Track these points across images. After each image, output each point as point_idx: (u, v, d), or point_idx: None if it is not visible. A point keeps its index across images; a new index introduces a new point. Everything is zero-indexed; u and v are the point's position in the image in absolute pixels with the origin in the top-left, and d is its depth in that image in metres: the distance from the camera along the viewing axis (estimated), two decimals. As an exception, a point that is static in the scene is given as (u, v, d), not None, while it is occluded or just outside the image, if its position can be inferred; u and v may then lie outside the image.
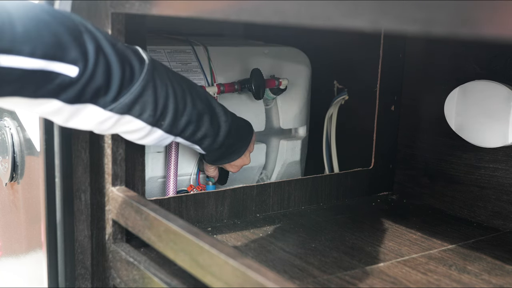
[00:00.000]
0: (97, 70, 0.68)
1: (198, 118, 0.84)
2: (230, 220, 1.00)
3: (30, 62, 0.62)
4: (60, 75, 0.65)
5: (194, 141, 0.87)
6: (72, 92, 0.67)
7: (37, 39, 0.63)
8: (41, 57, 0.63)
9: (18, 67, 0.61)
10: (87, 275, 0.88)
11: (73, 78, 0.66)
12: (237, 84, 1.07)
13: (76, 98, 0.68)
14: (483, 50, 1.01)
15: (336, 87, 1.27)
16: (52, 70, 0.64)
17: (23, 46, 0.61)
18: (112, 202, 0.84)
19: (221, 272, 0.62)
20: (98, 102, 0.71)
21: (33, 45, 0.62)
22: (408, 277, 0.80)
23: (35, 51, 0.62)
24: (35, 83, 0.64)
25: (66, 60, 0.65)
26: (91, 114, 0.72)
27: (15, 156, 0.97)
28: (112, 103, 0.72)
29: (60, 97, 0.67)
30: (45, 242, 0.86)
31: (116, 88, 0.71)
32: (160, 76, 0.78)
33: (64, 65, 0.65)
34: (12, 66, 0.61)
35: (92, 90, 0.69)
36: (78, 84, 0.67)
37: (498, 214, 1.01)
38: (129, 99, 0.73)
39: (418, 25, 0.38)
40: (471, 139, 1.01)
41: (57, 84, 0.65)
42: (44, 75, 0.64)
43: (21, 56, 0.61)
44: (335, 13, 0.44)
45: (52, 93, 0.67)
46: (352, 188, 1.15)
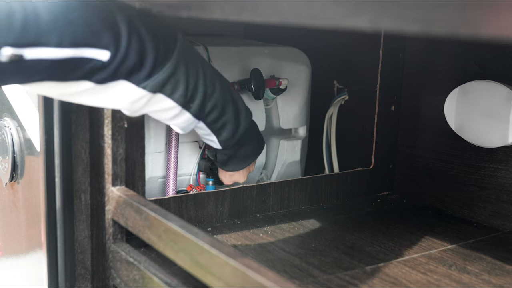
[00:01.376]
0: (130, 51, 0.67)
1: (224, 105, 0.84)
2: (230, 220, 1.00)
3: (58, 51, 0.61)
4: (92, 60, 0.65)
5: (214, 128, 0.86)
6: (104, 73, 0.67)
7: (64, 27, 0.62)
8: (70, 45, 0.62)
9: (46, 58, 0.61)
10: (87, 275, 0.88)
11: (105, 62, 0.66)
12: (237, 84, 1.07)
13: (108, 78, 0.68)
14: (483, 50, 1.01)
15: (336, 87, 1.27)
16: (82, 57, 0.63)
17: (50, 36, 0.60)
18: (112, 202, 0.84)
19: (221, 272, 0.62)
20: (132, 79, 0.70)
21: (61, 34, 0.61)
22: (408, 277, 0.80)
23: (63, 40, 0.61)
24: (65, 69, 0.64)
25: (97, 45, 0.64)
26: (124, 91, 0.71)
27: (15, 156, 0.97)
28: (146, 80, 0.71)
29: (92, 79, 0.67)
30: (45, 242, 0.86)
31: (150, 67, 0.71)
32: (192, 57, 0.77)
33: (96, 50, 0.64)
34: (40, 58, 0.61)
35: (125, 69, 0.68)
36: (111, 66, 0.67)
37: (498, 214, 1.01)
38: (163, 77, 0.72)
39: (418, 25, 0.38)
40: (471, 139, 1.01)
41: (88, 68, 0.65)
42: (74, 62, 0.63)
43: (48, 47, 0.61)
44: (335, 13, 0.44)
45: (84, 76, 0.66)
46: (352, 188, 1.15)
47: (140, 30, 0.69)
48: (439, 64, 1.10)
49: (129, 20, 0.68)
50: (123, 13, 0.67)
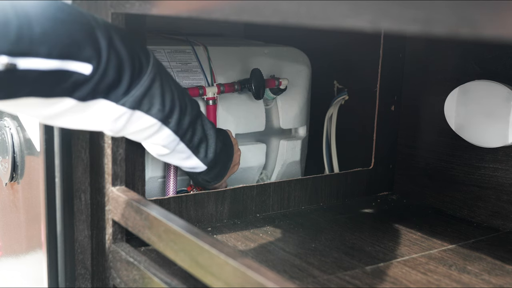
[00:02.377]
0: (109, 66, 0.69)
1: (195, 121, 0.86)
2: (230, 220, 1.00)
3: (47, 63, 0.62)
4: (75, 73, 0.66)
5: (192, 147, 0.87)
6: (86, 89, 0.68)
7: (53, 39, 0.63)
8: (57, 57, 0.63)
9: (36, 69, 0.62)
10: (87, 275, 0.88)
11: (87, 75, 0.67)
12: (237, 84, 1.07)
13: (90, 94, 0.69)
14: (483, 50, 1.01)
15: (336, 87, 1.27)
16: (67, 69, 0.65)
17: (41, 47, 0.62)
18: (112, 202, 0.84)
19: (221, 272, 0.62)
20: (110, 96, 0.71)
21: (50, 46, 0.62)
22: (408, 277, 0.80)
23: (52, 51, 0.63)
24: (51, 82, 0.65)
25: (80, 58, 0.65)
26: (104, 110, 0.72)
27: (15, 156, 0.97)
28: (124, 96, 0.72)
29: (73, 95, 0.68)
30: (45, 242, 0.86)
31: (127, 82, 0.72)
32: (164, 73, 0.79)
33: (79, 63, 0.65)
34: (30, 68, 0.61)
35: (104, 85, 0.69)
36: (92, 80, 0.68)
37: (498, 214, 1.01)
38: (140, 92, 0.73)
39: (418, 25, 0.38)
40: (471, 139, 1.01)
41: (71, 82, 0.66)
42: (59, 75, 0.64)
43: (39, 58, 0.62)
44: (335, 13, 0.44)
45: (66, 91, 0.67)
46: (352, 188, 1.15)
47: (117, 46, 0.70)
48: (439, 64, 1.10)
49: (108, 35, 0.69)
50: (102, 28, 0.69)
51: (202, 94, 1.03)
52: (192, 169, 0.92)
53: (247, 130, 1.12)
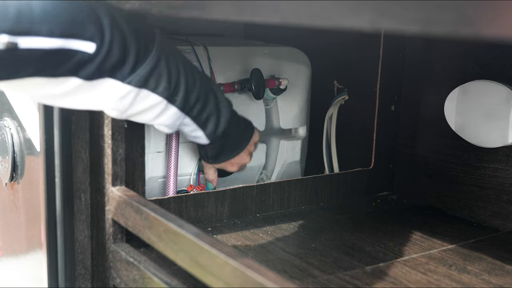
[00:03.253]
0: (113, 44, 0.69)
1: (205, 96, 0.84)
2: (230, 220, 1.00)
3: (49, 41, 0.63)
4: (79, 52, 0.66)
5: (200, 121, 0.85)
6: (91, 68, 0.68)
7: (54, 18, 0.63)
8: (59, 35, 0.63)
9: (38, 48, 0.62)
10: (87, 275, 0.88)
11: (91, 54, 0.67)
12: (237, 84, 1.07)
13: (95, 73, 0.69)
14: (483, 50, 1.01)
15: (336, 87, 1.27)
16: (70, 48, 0.65)
17: (42, 26, 0.62)
18: (112, 202, 0.84)
19: (221, 272, 0.62)
20: (116, 75, 0.71)
21: (51, 25, 0.63)
22: (408, 277, 0.80)
23: (53, 30, 0.63)
24: (55, 62, 0.65)
25: (83, 37, 0.66)
26: (110, 89, 0.72)
27: (15, 156, 0.97)
28: (130, 75, 0.72)
29: (79, 74, 0.68)
30: (45, 242, 0.86)
31: (133, 60, 0.72)
32: (171, 50, 0.78)
33: (82, 42, 0.66)
34: (32, 47, 0.62)
35: (109, 64, 0.69)
36: (96, 59, 0.68)
37: (498, 214, 1.01)
38: (146, 70, 0.73)
39: (418, 25, 0.38)
40: (471, 139, 1.01)
41: (76, 61, 0.66)
42: (62, 53, 0.65)
43: (40, 37, 0.62)
44: (335, 13, 0.44)
45: (71, 70, 0.67)
46: (352, 188, 1.15)
47: (121, 25, 0.70)
48: (439, 64, 1.10)
49: (111, 15, 0.69)
50: (105, 9, 0.69)
51: (202, 94, 1.03)
52: (196, 138, 0.90)
53: (247, 130, 1.12)
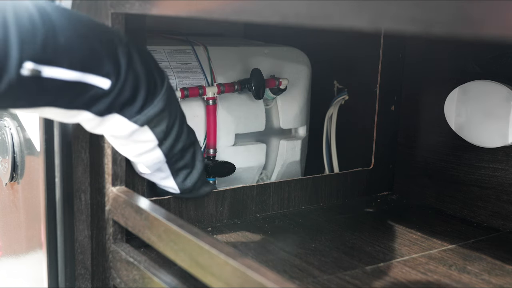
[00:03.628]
0: (127, 83, 0.70)
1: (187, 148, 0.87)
2: (230, 220, 1.00)
3: (69, 73, 0.64)
4: (94, 87, 0.67)
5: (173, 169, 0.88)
6: (103, 104, 0.70)
7: (76, 52, 0.65)
8: (79, 69, 0.65)
9: (58, 78, 0.63)
10: (87, 275, 0.88)
11: (105, 90, 0.68)
12: (237, 84, 1.07)
13: (106, 109, 0.71)
14: (483, 50, 1.01)
15: (336, 87, 1.27)
16: (87, 82, 0.66)
17: (64, 58, 0.63)
18: (112, 202, 0.84)
19: (221, 272, 0.62)
20: (124, 112, 0.73)
21: (72, 58, 0.64)
22: (408, 277, 0.80)
23: (74, 63, 0.64)
24: (71, 94, 0.67)
25: (100, 73, 0.67)
26: (116, 125, 0.74)
27: (15, 156, 0.97)
28: (137, 114, 0.74)
29: (91, 109, 0.70)
30: (45, 242, 0.86)
31: (142, 100, 0.73)
32: (174, 95, 0.81)
33: (99, 77, 0.67)
34: (53, 77, 0.63)
35: (120, 101, 0.71)
36: (110, 96, 0.69)
37: (498, 214, 1.01)
38: (153, 111, 0.75)
39: (418, 25, 0.38)
40: (471, 139, 1.01)
41: (90, 95, 0.68)
42: (79, 87, 0.66)
43: (62, 68, 0.63)
44: (335, 13, 0.44)
45: (85, 104, 0.69)
46: (352, 188, 1.15)
47: (136, 65, 0.72)
48: (439, 64, 1.10)
49: (129, 54, 0.71)
50: (124, 48, 0.71)
51: (202, 94, 1.03)
52: (166, 188, 0.92)
53: (247, 130, 1.12)
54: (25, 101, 0.65)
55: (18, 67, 0.59)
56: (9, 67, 0.59)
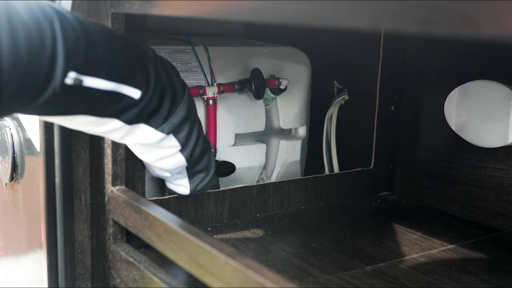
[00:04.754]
0: (155, 93, 0.75)
1: (204, 152, 0.91)
2: (230, 220, 1.00)
3: (106, 84, 0.68)
4: (126, 97, 0.71)
5: (191, 173, 0.91)
6: (133, 113, 0.74)
7: (112, 63, 0.69)
8: (114, 80, 0.69)
9: (96, 87, 0.67)
10: (87, 275, 0.88)
11: (136, 100, 0.73)
12: (237, 84, 1.07)
13: (134, 118, 0.75)
14: (483, 50, 1.01)
15: (336, 87, 1.27)
16: (120, 92, 0.70)
17: (102, 69, 0.67)
18: (112, 202, 0.84)
19: (221, 272, 0.62)
20: (151, 122, 0.77)
21: (109, 69, 0.68)
22: (408, 277, 0.80)
23: (110, 74, 0.68)
24: (105, 103, 0.71)
25: (132, 83, 0.71)
26: (143, 134, 0.78)
27: (15, 156, 0.97)
28: (163, 123, 0.79)
29: (121, 118, 0.74)
30: (45, 242, 0.86)
31: (167, 109, 0.78)
32: (193, 103, 0.85)
33: (131, 88, 0.71)
34: (92, 86, 0.66)
35: (148, 111, 0.76)
36: (139, 105, 0.74)
37: (498, 214, 1.01)
38: (177, 119, 0.80)
39: (418, 25, 0.38)
40: (471, 139, 1.01)
41: (122, 105, 0.72)
42: (113, 96, 0.70)
43: (100, 78, 0.67)
44: (335, 13, 0.44)
45: (116, 113, 0.73)
46: (352, 188, 1.15)
47: (162, 75, 0.76)
48: (439, 64, 1.10)
49: (156, 66, 0.75)
50: (153, 61, 0.75)
51: (202, 94, 1.03)
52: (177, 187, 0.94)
53: (247, 130, 1.12)
54: (63, 108, 0.69)
55: (63, 77, 0.63)
56: (56, 76, 0.62)
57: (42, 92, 0.63)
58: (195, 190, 0.93)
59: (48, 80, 0.62)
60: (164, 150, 0.84)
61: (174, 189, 0.95)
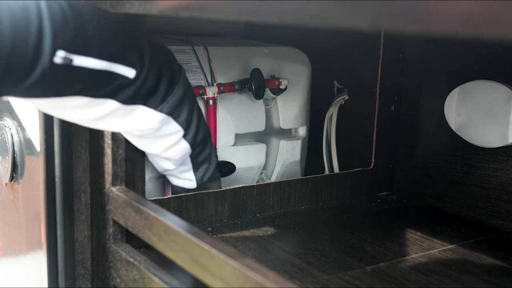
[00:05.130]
0: (150, 73, 0.74)
1: (206, 140, 0.90)
2: (230, 220, 1.00)
3: (97, 63, 0.67)
4: (120, 76, 0.70)
5: (195, 163, 0.91)
6: (128, 92, 0.73)
7: (104, 42, 0.68)
8: (106, 58, 0.68)
9: (87, 67, 0.66)
10: (87, 275, 0.88)
11: (131, 79, 0.72)
12: (237, 84, 1.07)
13: (130, 98, 0.74)
14: (483, 50, 1.01)
15: (336, 87, 1.27)
16: (114, 71, 0.69)
17: (93, 48, 0.66)
18: (112, 202, 0.84)
19: (221, 272, 0.62)
20: (149, 103, 0.76)
21: (100, 48, 0.67)
22: (408, 277, 0.80)
23: (102, 52, 0.67)
24: (99, 82, 0.69)
25: (126, 63, 0.70)
26: (143, 115, 0.77)
27: (15, 156, 0.97)
28: (161, 103, 0.77)
29: (116, 98, 0.72)
30: (45, 242, 0.86)
31: (164, 89, 0.77)
32: (190, 86, 0.85)
33: (124, 67, 0.70)
34: (82, 66, 0.65)
35: (144, 90, 0.74)
36: (134, 85, 0.73)
37: (498, 214, 1.01)
38: (175, 99, 0.79)
39: (418, 25, 0.38)
40: (471, 139, 1.01)
41: (117, 84, 0.71)
42: (107, 76, 0.69)
43: (91, 57, 0.66)
44: (335, 13, 0.44)
45: (111, 93, 0.72)
46: (352, 188, 1.15)
47: (157, 55, 0.76)
48: (439, 64, 1.10)
49: (151, 44, 0.75)
50: (145, 38, 0.75)
51: (202, 94, 1.03)
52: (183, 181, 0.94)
53: (247, 130, 1.12)
54: (55, 89, 0.67)
55: (51, 55, 0.61)
56: (43, 55, 0.61)
57: (31, 72, 0.61)
58: (201, 182, 0.94)
59: (35, 60, 0.61)
60: (167, 138, 0.84)
61: (180, 184, 0.95)
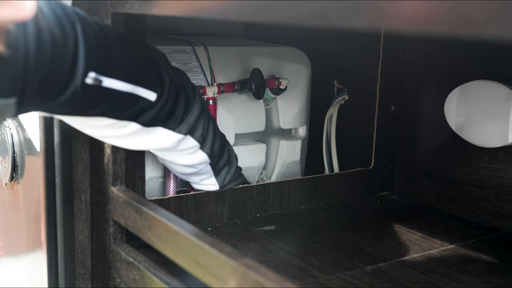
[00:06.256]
0: (169, 96, 0.77)
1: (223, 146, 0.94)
2: (230, 220, 1.00)
3: (123, 85, 0.70)
4: (142, 99, 0.74)
5: (216, 169, 0.94)
6: (149, 115, 0.76)
7: (128, 66, 0.71)
8: (131, 81, 0.71)
9: (115, 88, 0.70)
10: (87, 275, 0.88)
11: (152, 102, 0.75)
12: (237, 84, 1.07)
13: (151, 121, 0.77)
14: (483, 50, 1.01)
15: (336, 87, 1.27)
16: (137, 94, 0.73)
17: (119, 71, 0.70)
18: (112, 202, 0.84)
19: (221, 272, 0.62)
20: (168, 125, 0.80)
21: (126, 71, 0.71)
22: (408, 277, 0.80)
23: (127, 76, 0.71)
24: (123, 104, 0.73)
25: (148, 86, 0.74)
26: (162, 137, 0.81)
27: (15, 156, 0.97)
28: (180, 124, 0.81)
29: (138, 120, 0.76)
30: (45, 242, 0.86)
31: (182, 111, 0.81)
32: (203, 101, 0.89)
33: (146, 90, 0.74)
34: (110, 87, 0.69)
35: (164, 113, 0.78)
36: (155, 108, 0.76)
37: (498, 214, 1.01)
38: (193, 119, 0.84)
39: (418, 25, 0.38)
40: (471, 139, 1.01)
41: (139, 107, 0.74)
42: (130, 98, 0.72)
43: (117, 80, 0.69)
44: (335, 13, 0.44)
45: (133, 115, 0.75)
46: (352, 188, 1.15)
47: (174, 77, 0.79)
48: (439, 64, 1.10)
49: (168, 69, 0.78)
50: (166, 64, 0.78)
51: (202, 94, 1.03)
52: (206, 186, 0.97)
53: (247, 130, 1.12)
54: (84, 108, 0.71)
55: (84, 76, 0.65)
56: (77, 75, 0.65)
57: (64, 90, 0.65)
58: (223, 185, 0.96)
59: (69, 79, 0.65)
60: (185, 151, 0.87)
61: (203, 189, 0.97)
